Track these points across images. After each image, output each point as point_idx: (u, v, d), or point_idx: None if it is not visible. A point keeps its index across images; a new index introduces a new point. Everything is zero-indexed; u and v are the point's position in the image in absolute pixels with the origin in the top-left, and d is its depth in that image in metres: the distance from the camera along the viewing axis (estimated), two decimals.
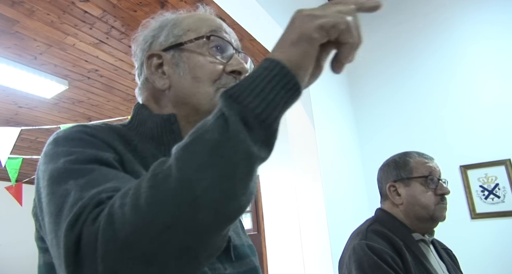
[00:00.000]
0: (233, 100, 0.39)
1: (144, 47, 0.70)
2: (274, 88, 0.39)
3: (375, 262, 1.08)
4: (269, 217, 4.32)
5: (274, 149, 0.41)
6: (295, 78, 0.41)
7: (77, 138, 0.52)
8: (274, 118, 0.39)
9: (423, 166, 1.28)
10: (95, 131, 0.54)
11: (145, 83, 0.70)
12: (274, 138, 0.41)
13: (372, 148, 3.18)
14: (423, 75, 3.10)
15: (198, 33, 0.66)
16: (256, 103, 0.38)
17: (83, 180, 0.43)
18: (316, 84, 2.30)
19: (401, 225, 1.26)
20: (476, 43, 2.93)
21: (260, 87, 0.39)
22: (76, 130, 0.54)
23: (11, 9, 2.87)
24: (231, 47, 0.67)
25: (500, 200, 2.65)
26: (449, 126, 2.91)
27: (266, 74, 0.40)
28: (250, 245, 0.72)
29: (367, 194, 3.02)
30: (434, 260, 1.23)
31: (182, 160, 0.37)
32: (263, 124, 0.39)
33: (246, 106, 0.38)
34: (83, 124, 0.56)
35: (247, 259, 0.65)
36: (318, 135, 2.38)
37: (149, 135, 0.63)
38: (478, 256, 2.55)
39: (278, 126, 0.40)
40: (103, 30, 3.28)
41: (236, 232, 0.68)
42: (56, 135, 0.54)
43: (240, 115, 0.38)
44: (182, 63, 0.65)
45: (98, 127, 0.56)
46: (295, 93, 0.41)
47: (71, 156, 0.47)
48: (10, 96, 4.06)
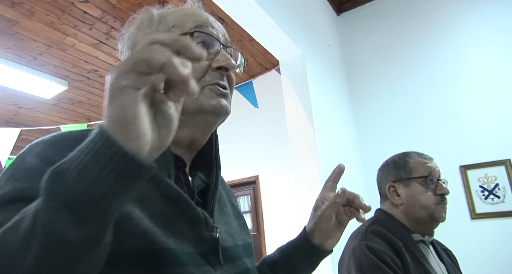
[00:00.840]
0: (56, 178, 0.35)
1: (130, 45, 0.68)
2: (98, 162, 0.35)
3: (374, 263, 1.08)
4: (269, 217, 4.33)
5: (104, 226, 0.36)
6: (120, 146, 0.34)
7: (26, 169, 0.50)
8: (102, 194, 0.34)
9: (423, 166, 1.27)
10: (58, 154, 0.49)
11: None
12: (109, 214, 0.36)
13: (371, 148, 3.18)
14: (423, 75, 3.11)
15: (183, 29, 0.64)
16: (77, 182, 0.34)
17: None
18: (315, 86, 2.30)
19: (401, 225, 1.26)
20: (477, 44, 2.94)
21: (84, 163, 0.35)
22: (39, 151, 0.52)
23: (11, 9, 2.87)
24: (218, 42, 0.65)
25: (500, 200, 2.65)
26: (448, 126, 2.91)
27: (91, 146, 0.35)
28: (247, 244, 0.71)
29: (366, 194, 3.02)
30: (433, 261, 1.23)
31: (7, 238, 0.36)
32: (88, 204, 0.34)
33: (67, 186, 0.34)
34: (53, 139, 0.54)
35: (239, 260, 0.64)
36: (317, 135, 2.38)
37: None
38: (478, 256, 2.55)
39: (112, 202, 0.35)
40: (103, 30, 3.28)
41: (229, 232, 0.66)
42: (20, 154, 0.53)
43: (60, 197, 0.35)
44: None
45: (65, 145, 0.51)
46: (128, 163, 0.35)
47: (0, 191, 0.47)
48: (10, 96, 4.06)
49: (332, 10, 3.61)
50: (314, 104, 2.46)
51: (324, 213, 0.75)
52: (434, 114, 2.99)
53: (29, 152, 0.53)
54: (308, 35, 2.77)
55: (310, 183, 2.27)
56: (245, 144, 4.59)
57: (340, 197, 0.72)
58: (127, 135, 0.35)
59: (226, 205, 0.73)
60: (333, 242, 0.77)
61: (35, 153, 0.52)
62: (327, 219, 0.75)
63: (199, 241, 0.57)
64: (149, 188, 0.54)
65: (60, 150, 0.50)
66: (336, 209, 0.74)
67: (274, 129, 4.30)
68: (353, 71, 3.47)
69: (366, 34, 3.48)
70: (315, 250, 0.76)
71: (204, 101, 0.61)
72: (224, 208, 0.71)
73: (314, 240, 0.76)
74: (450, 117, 2.92)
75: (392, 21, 3.36)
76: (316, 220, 0.76)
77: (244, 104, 3.50)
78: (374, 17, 3.47)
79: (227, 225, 0.67)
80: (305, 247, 0.77)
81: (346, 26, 3.63)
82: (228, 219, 0.69)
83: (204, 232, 0.58)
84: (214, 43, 0.64)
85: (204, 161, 0.69)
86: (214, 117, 0.63)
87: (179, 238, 0.54)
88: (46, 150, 0.52)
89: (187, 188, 0.62)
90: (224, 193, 0.76)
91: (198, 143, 0.66)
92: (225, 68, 0.63)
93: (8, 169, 0.51)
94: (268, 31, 2.29)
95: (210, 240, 0.59)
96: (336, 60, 3.32)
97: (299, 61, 2.54)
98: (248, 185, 4.65)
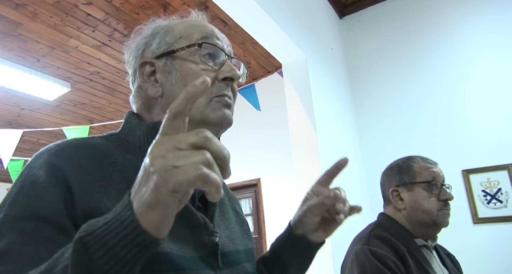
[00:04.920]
0: (85, 249, 0.38)
1: (136, 54, 0.70)
2: (126, 247, 0.38)
3: (377, 268, 1.07)
4: (270, 220, 4.31)
5: None
6: (152, 238, 0.39)
7: (33, 181, 0.51)
8: (125, 271, 0.39)
9: (427, 171, 1.26)
10: (62, 163, 0.53)
11: (139, 91, 0.70)
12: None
13: (373, 152, 3.17)
14: (426, 80, 3.10)
15: (190, 40, 0.66)
16: (105, 260, 0.38)
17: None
18: (318, 89, 2.30)
19: (404, 230, 1.25)
20: (480, 48, 2.93)
21: (111, 244, 0.38)
22: (43, 162, 0.53)
23: (14, 11, 2.88)
24: (223, 53, 0.67)
25: (502, 205, 2.64)
26: (451, 131, 2.90)
27: (120, 229, 0.39)
28: (248, 249, 0.71)
29: (369, 198, 3.01)
30: (436, 266, 1.22)
31: None
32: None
33: (94, 261, 0.38)
34: (57, 148, 0.56)
35: (239, 265, 0.64)
36: (319, 139, 2.38)
37: (137, 145, 0.62)
38: (480, 261, 2.54)
39: (130, 272, 0.40)
40: (106, 32, 3.29)
41: (230, 237, 0.67)
42: (27, 165, 0.55)
43: (87, 270, 0.38)
44: (175, 71, 0.64)
45: (69, 155, 0.55)
46: (150, 248, 0.40)
47: (12, 208, 0.49)
48: (12, 98, 4.07)
49: (335, 14, 3.61)
50: (317, 107, 2.46)
51: (310, 209, 0.70)
52: (436, 119, 2.98)
53: (35, 161, 0.55)
54: (311, 38, 2.77)
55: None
56: (247, 147, 4.58)
57: (329, 200, 0.67)
58: (159, 234, 0.40)
59: (228, 211, 0.74)
60: (322, 235, 0.72)
61: (40, 164, 0.54)
62: (312, 216, 0.70)
63: (199, 245, 0.58)
64: None
65: (63, 159, 0.54)
66: (323, 208, 0.69)
67: (276, 132, 4.29)
68: (356, 74, 3.47)
69: (369, 37, 3.48)
70: (303, 243, 0.73)
71: (210, 113, 0.63)
72: (226, 214, 0.72)
73: (299, 233, 0.72)
74: (453, 121, 2.91)
75: (395, 25, 3.36)
76: (301, 214, 0.72)
77: (246, 107, 3.50)
78: (377, 20, 3.47)
79: (228, 230, 0.68)
80: (292, 240, 0.73)
81: (348, 29, 3.63)
82: (230, 225, 0.70)
83: (204, 237, 0.59)
84: (220, 54, 0.66)
85: None
86: (218, 128, 0.65)
87: (179, 242, 0.55)
88: (50, 159, 0.54)
89: None
90: (227, 199, 0.78)
91: None
92: (230, 78, 0.65)
93: (17, 182, 0.53)
94: (270, 34, 2.30)
95: (210, 244, 0.60)
96: (338, 64, 3.32)
97: (301, 64, 2.54)
98: (250, 188, 4.64)
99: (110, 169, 0.56)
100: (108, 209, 0.48)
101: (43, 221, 0.48)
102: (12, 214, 0.48)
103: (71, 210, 0.50)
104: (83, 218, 0.49)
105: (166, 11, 3.09)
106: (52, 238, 0.47)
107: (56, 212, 0.49)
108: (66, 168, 0.52)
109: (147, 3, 3.01)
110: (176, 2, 3.04)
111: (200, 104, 0.62)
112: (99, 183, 0.53)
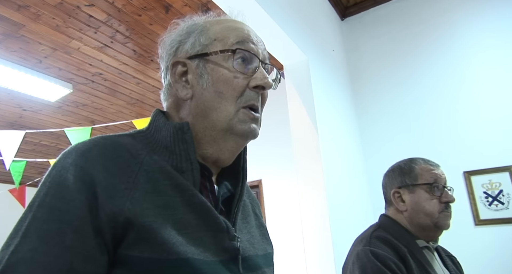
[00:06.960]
0: None
1: (170, 51, 0.68)
2: None
3: (379, 269, 1.07)
4: (272, 221, 4.31)
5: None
6: None
7: (60, 184, 0.52)
8: None
9: (429, 173, 1.26)
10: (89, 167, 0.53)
11: (169, 89, 0.69)
12: None
13: (375, 153, 3.17)
14: (426, 80, 3.10)
15: (225, 44, 0.65)
16: None
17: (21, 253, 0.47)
18: (319, 90, 2.31)
19: (405, 231, 1.25)
20: (480, 49, 2.93)
21: None
22: (71, 163, 0.53)
23: (17, 13, 2.89)
24: (257, 59, 0.66)
25: (504, 206, 2.63)
26: (452, 132, 2.90)
27: None
28: (267, 254, 0.71)
29: (370, 199, 3.01)
30: (438, 267, 1.22)
31: None
32: None
33: None
34: (84, 149, 0.55)
35: (259, 270, 0.64)
36: (321, 140, 2.38)
37: (163, 144, 0.61)
38: (481, 263, 2.53)
39: None
40: (108, 34, 3.29)
41: (251, 242, 0.66)
42: (55, 165, 0.55)
43: None
44: (206, 74, 0.63)
45: (95, 156, 0.54)
46: None
47: (40, 209, 0.50)
48: (14, 99, 4.08)
49: (336, 15, 3.62)
50: (318, 108, 2.46)
51: None
52: (438, 119, 2.98)
53: (63, 162, 0.55)
54: (313, 40, 2.77)
55: (314, 187, 2.27)
56: (248, 148, 4.54)
57: None
58: None
59: (249, 214, 0.73)
60: None
61: (69, 166, 0.53)
62: None
63: (220, 250, 0.57)
64: (174, 196, 0.56)
65: (90, 161, 0.53)
66: None
67: (277, 133, 4.29)
68: (357, 76, 3.47)
69: (370, 39, 3.48)
70: None
71: (236, 124, 0.62)
72: (247, 217, 0.71)
73: None
74: (454, 122, 2.91)
75: (396, 26, 3.36)
76: None
77: None
78: (378, 22, 3.48)
79: (249, 234, 0.68)
80: None
81: (350, 31, 3.64)
82: (251, 229, 0.70)
83: (225, 241, 0.59)
84: (254, 60, 0.65)
85: (232, 170, 0.70)
86: (243, 140, 0.65)
87: (200, 246, 0.55)
88: (77, 161, 0.53)
89: (212, 196, 0.63)
90: (249, 201, 0.77)
91: (225, 163, 0.67)
92: (262, 87, 0.64)
93: (45, 181, 0.54)
94: (272, 35, 2.30)
95: (231, 249, 0.59)
96: (340, 65, 3.32)
97: (303, 66, 2.55)
98: (251, 189, 4.63)
99: (136, 168, 0.55)
100: (132, 212, 0.50)
101: (67, 225, 0.49)
102: (39, 216, 0.50)
103: (96, 216, 0.50)
104: (107, 222, 0.50)
105: (168, 12, 3.09)
106: (73, 246, 0.48)
107: (80, 219, 0.49)
108: (93, 172, 0.52)
109: (149, 5, 3.02)
110: (178, 4, 3.04)
111: (228, 113, 0.62)
112: (124, 185, 0.53)
